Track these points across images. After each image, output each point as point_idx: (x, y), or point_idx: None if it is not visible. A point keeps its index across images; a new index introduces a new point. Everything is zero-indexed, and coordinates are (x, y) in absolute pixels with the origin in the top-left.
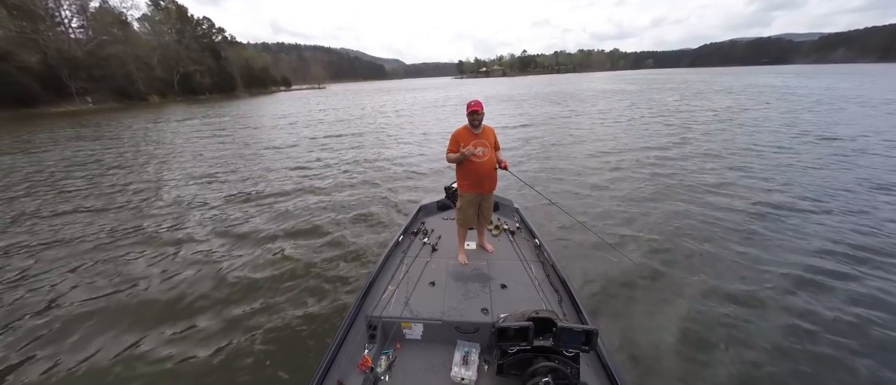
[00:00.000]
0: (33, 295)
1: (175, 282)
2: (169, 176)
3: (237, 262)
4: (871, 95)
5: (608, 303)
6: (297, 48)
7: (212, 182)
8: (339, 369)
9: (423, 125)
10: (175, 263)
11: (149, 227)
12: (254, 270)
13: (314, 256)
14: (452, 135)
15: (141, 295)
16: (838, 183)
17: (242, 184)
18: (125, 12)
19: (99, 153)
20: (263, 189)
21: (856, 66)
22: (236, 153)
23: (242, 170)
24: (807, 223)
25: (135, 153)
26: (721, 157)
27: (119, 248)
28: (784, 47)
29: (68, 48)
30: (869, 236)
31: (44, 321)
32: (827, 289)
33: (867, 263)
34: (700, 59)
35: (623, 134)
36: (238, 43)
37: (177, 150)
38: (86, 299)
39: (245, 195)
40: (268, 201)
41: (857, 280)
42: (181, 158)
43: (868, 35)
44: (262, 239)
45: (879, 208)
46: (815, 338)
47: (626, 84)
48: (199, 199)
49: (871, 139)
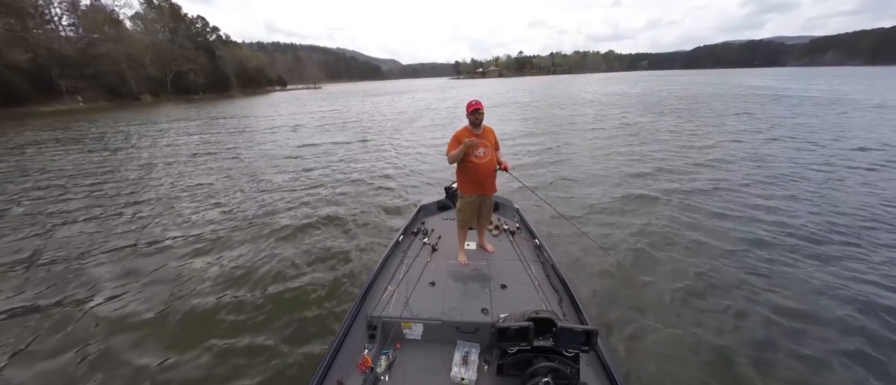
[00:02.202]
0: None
1: (173, 281)
2: (167, 175)
3: (237, 263)
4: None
5: (608, 303)
6: (292, 48)
7: (203, 186)
8: (339, 369)
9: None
10: (173, 263)
11: (146, 227)
12: (253, 270)
13: (314, 256)
14: (453, 135)
15: (140, 295)
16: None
17: (239, 184)
18: (117, 10)
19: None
20: (261, 190)
21: (845, 69)
22: (231, 154)
23: (237, 171)
24: (807, 224)
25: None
26: (722, 162)
27: (114, 250)
28: (776, 50)
29: (59, 46)
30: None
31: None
32: (833, 289)
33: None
34: (694, 60)
35: (636, 143)
36: (233, 42)
37: (173, 149)
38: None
39: (243, 195)
40: (267, 201)
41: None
42: (179, 156)
43: (857, 38)
44: (262, 240)
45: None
46: (814, 338)
47: (628, 85)
48: (194, 197)
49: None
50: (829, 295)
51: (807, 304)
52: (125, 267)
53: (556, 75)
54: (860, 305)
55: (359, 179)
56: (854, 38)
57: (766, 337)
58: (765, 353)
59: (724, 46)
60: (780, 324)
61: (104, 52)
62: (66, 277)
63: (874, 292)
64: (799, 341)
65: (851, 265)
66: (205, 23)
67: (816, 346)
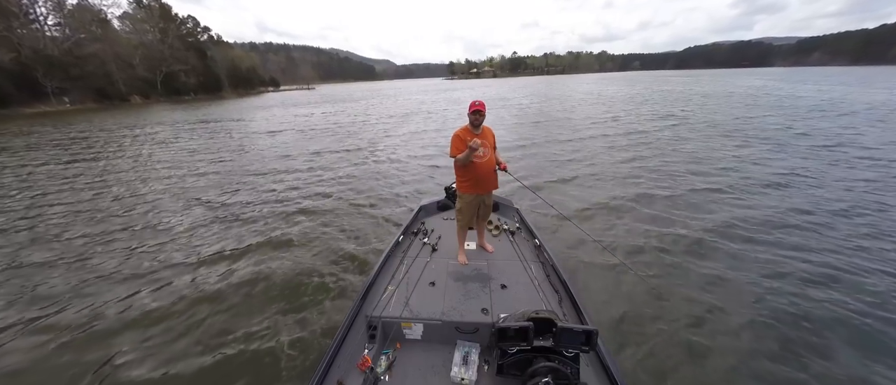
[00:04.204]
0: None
1: (172, 281)
2: (164, 173)
3: (237, 263)
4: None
5: (609, 303)
6: (285, 48)
7: (202, 186)
8: (339, 369)
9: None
10: (171, 263)
11: (142, 226)
12: (253, 271)
13: (314, 256)
14: (454, 135)
15: (139, 296)
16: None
17: (236, 185)
18: (105, 10)
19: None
20: (259, 190)
21: (831, 69)
22: (228, 155)
23: (233, 173)
24: (806, 226)
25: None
26: (721, 161)
27: (114, 252)
28: (764, 50)
29: (44, 46)
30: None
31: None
32: (838, 291)
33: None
34: (685, 61)
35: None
36: (224, 42)
37: (169, 147)
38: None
39: (241, 195)
40: (265, 202)
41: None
42: (175, 153)
43: (841, 40)
44: (262, 241)
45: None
46: (815, 337)
47: (628, 86)
48: (193, 198)
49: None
50: (834, 295)
51: (807, 304)
52: (133, 267)
53: (550, 76)
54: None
55: (359, 180)
56: (839, 40)
57: (766, 337)
58: (766, 354)
59: (714, 47)
60: (781, 324)
61: (91, 53)
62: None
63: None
64: (799, 341)
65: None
66: (195, 22)
67: (818, 347)
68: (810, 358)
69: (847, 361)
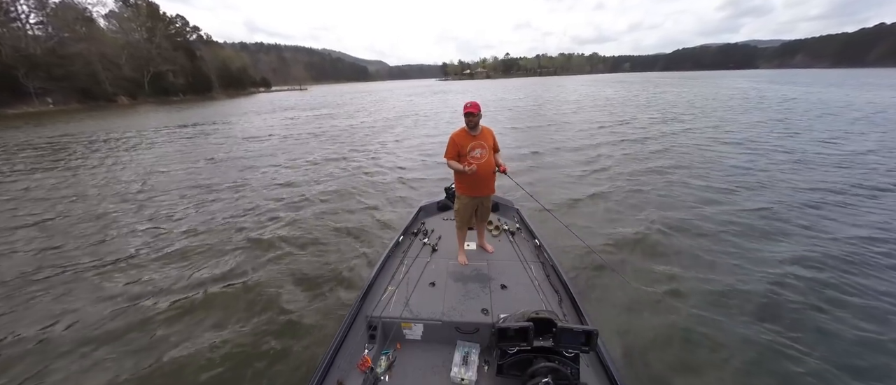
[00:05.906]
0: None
1: (172, 281)
2: (162, 172)
3: (236, 264)
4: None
5: (609, 303)
6: (277, 48)
7: (199, 186)
8: (338, 369)
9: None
10: (170, 263)
11: (140, 226)
12: (253, 271)
13: (314, 256)
14: (450, 138)
15: (141, 297)
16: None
17: (233, 185)
18: (90, 8)
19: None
20: (257, 190)
21: (813, 72)
22: (225, 156)
23: (230, 175)
24: (805, 226)
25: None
26: (722, 163)
27: (116, 258)
28: (749, 53)
29: (25, 45)
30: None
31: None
32: (837, 291)
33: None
34: (673, 63)
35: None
36: (214, 42)
37: (164, 145)
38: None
39: (240, 196)
40: (265, 201)
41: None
42: (173, 152)
43: (823, 43)
44: (261, 239)
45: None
46: (815, 337)
47: (625, 88)
48: (193, 196)
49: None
50: (836, 294)
51: (808, 306)
52: (127, 272)
53: (543, 77)
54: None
55: (358, 180)
56: (820, 43)
57: (767, 338)
58: (766, 354)
59: (701, 49)
60: (782, 324)
61: (76, 52)
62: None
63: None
64: (800, 342)
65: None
66: (184, 22)
67: (820, 348)
68: (812, 354)
69: (851, 364)
